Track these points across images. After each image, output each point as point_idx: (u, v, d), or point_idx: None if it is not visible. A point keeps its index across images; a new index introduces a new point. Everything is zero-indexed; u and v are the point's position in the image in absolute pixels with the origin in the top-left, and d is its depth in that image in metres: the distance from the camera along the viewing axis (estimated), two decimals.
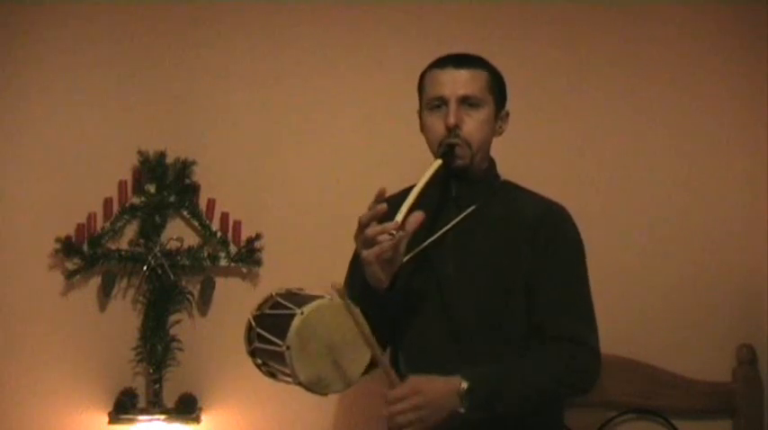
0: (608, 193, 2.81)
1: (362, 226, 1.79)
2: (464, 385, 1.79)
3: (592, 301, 1.99)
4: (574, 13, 2.82)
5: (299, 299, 1.76)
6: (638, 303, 2.78)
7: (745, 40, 2.86)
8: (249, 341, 1.83)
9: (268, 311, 1.80)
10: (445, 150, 1.93)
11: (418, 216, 1.80)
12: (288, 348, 1.65)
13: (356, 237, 1.82)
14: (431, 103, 1.97)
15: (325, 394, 1.73)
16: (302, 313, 1.67)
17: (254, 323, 1.81)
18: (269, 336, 1.73)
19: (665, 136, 2.84)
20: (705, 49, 2.85)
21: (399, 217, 1.77)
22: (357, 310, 1.70)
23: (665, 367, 2.73)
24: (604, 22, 2.84)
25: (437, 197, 1.98)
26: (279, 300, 1.79)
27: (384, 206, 1.76)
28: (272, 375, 1.81)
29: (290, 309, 1.70)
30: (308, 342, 1.67)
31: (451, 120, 1.92)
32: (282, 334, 1.66)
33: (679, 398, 2.71)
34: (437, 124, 1.96)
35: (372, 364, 1.77)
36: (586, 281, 2.00)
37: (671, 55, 2.85)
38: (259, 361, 1.83)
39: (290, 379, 1.70)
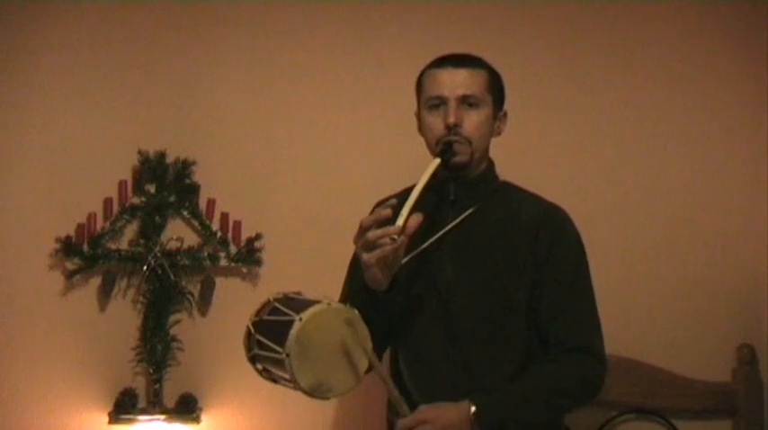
0: (607, 194, 2.81)
1: (364, 229, 1.78)
2: (473, 410, 1.80)
3: (596, 304, 1.99)
4: (574, 13, 2.83)
5: (296, 304, 1.75)
6: (638, 303, 2.79)
7: (745, 40, 2.86)
8: (249, 348, 1.83)
9: (266, 317, 1.79)
10: (443, 148, 1.92)
11: (417, 218, 1.79)
12: (287, 355, 1.65)
13: (356, 239, 1.81)
14: (430, 103, 1.97)
15: (327, 398, 1.74)
16: (300, 319, 1.67)
17: (252, 330, 1.81)
18: (268, 343, 1.73)
19: (664, 136, 2.84)
20: (705, 50, 2.86)
21: (400, 221, 1.77)
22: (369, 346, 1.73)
23: (665, 367, 2.73)
24: (604, 22, 2.84)
25: (435, 199, 1.98)
26: (277, 305, 1.79)
27: (388, 212, 1.76)
28: (274, 381, 1.82)
29: (289, 315, 1.70)
30: (308, 348, 1.67)
31: (451, 120, 1.92)
32: (281, 340, 1.67)
33: (679, 398, 2.71)
34: (436, 123, 1.95)
35: (371, 367, 1.78)
36: (590, 284, 2.00)
37: (671, 55, 2.85)
38: (260, 367, 1.83)
39: (291, 384, 1.71)
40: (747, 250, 2.83)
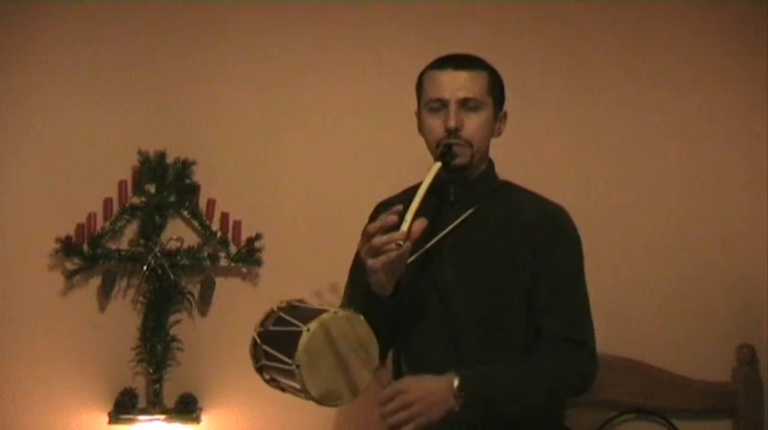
0: (608, 194, 2.81)
1: (369, 235, 1.78)
2: (456, 381, 1.79)
3: (589, 303, 1.99)
4: (574, 13, 2.83)
5: (301, 313, 1.76)
6: (638, 303, 2.79)
7: (745, 40, 2.86)
8: (256, 358, 1.83)
9: (272, 328, 1.79)
10: (443, 150, 1.92)
11: (421, 223, 1.80)
12: (297, 366, 1.66)
13: (361, 245, 1.81)
14: (430, 105, 1.96)
15: (337, 405, 1.75)
16: (308, 330, 1.67)
17: (259, 340, 1.81)
18: (276, 354, 1.73)
19: (664, 136, 2.84)
20: (705, 49, 2.86)
21: (405, 226, 1.77)
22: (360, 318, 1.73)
23: (665, 367, 2.73)
24: (604, 22, 2.84)
25: (436, 200, 1.98)
26: (282, 315, 1.79)
27: (394, 218, 1.76)
28: (282, 389, 1.82)
29: (296, 325, 1.71)
30: (317, 358, 1.68)
31: (452, 123, 1.92)
32: (289, 351, 1.67)
33: (679, 398, 2.72)
34: (437, 126, 1.95)
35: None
36: (584, 282, 2.00)
37: (671, 55, 2.85)
38: (267, 376, 1.83)
39: (301, 394, 1.71)
40: (747, 250, 2.83)
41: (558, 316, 1.94)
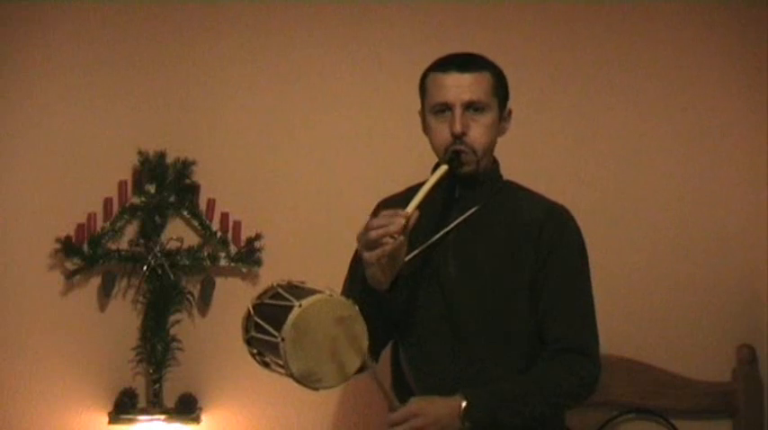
0: (609, 194, 2.81)
1: (369, 229, 1.78)
2: (464, 404, 1.81)
3: (594, 307, 1.99)
4: (574, 13, 2.83)
5: (299, 291, 1.76)
6: (638, 303, 2.79)
7: (745, 39, 2.86)
8: (246, 329, 1.83)
9: (267, 301, 1.80)
10: (451, 157, 1.91)
11: (414, 214, 1.80)
12: (282, 340, 1.65)
13: (360, 237, 1.82)
14: (435, 109, 1.95)
15: (317, 389, 1.72)
16: (300, 306, 1.67)
17: (252, 312, 1.81)
18: (265, 326, 1.73)
19: (665, 136, 2.84)
20: (705, 49, 2.86)
21: (402, 220, 1.77)
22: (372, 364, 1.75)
23: (665, 367, 2.73)
24: (604, 22, 2.84)
25: (440, 198, 1.97)
26: (279, 290, 1.79)
27: (402, 221, 1.76)
28: (266, 365, 1.81)
29: (289, 300, 1.70)
30: (304, 335, 1.67)
31: (457, 129, 1.91)
32: (279, 325, 1.67)
33: (679, 398, 2.71)
34: (442, 130, 1.94)
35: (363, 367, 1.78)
36: (589, 285, 2.00)
37: (671, 55, 2.85)
38: (254, 350, 1.83)
39: (282, 370, 1.70)
40: (747, 250, 2.83)
41: (560, 321, 1.94)
